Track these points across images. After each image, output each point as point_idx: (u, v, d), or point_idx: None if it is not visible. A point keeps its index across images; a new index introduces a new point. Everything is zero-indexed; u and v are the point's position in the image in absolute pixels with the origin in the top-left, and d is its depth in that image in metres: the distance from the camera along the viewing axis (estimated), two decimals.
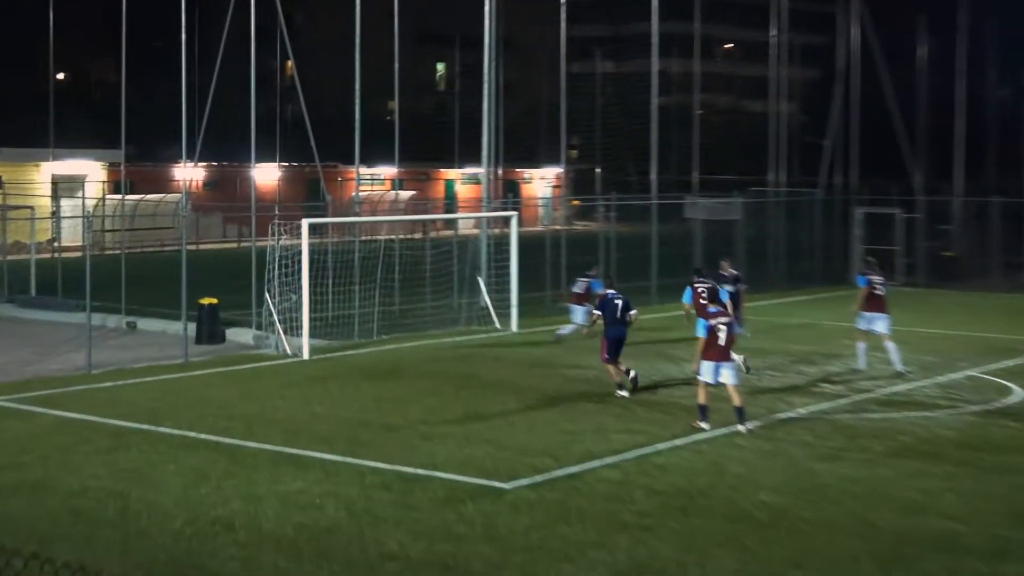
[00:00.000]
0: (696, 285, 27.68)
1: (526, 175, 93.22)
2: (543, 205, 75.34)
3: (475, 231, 40.33)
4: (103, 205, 62.18)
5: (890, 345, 27.24)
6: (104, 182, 68.05)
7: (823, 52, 64.41)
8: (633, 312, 24.90)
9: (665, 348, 30.32)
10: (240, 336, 32.14)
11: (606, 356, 24.44)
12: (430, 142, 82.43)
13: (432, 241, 39.00)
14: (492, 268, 36.37)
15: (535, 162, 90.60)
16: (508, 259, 34.38)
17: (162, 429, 20.82)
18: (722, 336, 21.09)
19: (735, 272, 31.57)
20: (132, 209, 61.79)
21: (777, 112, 54.82)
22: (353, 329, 32.16)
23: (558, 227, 47.59)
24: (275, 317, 29.81)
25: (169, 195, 67.64)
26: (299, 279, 29.47)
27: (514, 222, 34.66)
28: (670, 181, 72.08)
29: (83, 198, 51.28)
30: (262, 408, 22.64)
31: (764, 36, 55.75)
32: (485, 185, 40.68)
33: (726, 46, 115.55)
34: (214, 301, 31.91)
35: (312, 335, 29.67)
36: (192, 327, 31.00)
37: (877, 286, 27.52)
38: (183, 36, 32.15)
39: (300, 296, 29.35)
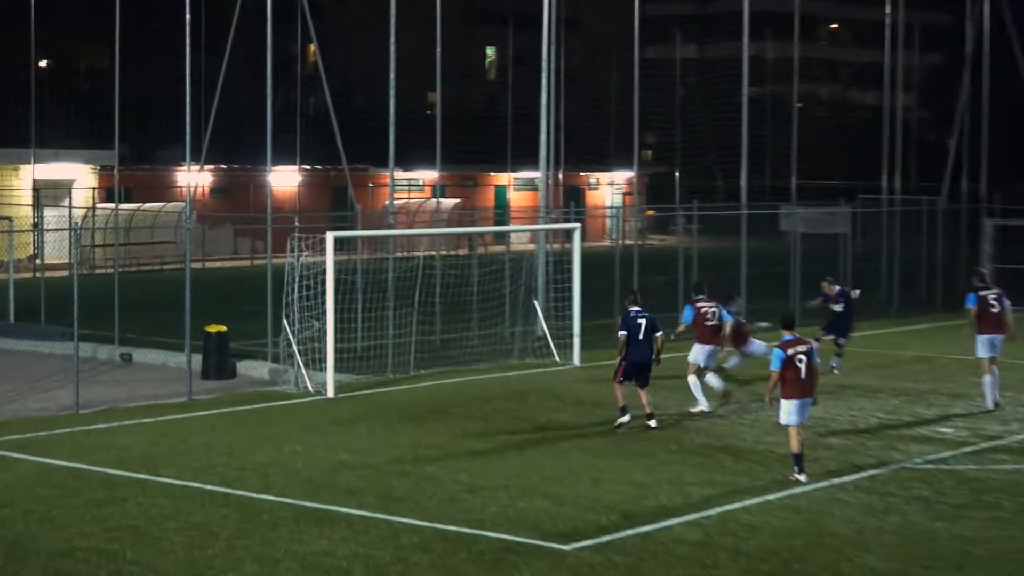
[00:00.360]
0: (699, 304, 27.86)
1: (592, 180, 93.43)
2: (612, 216, 75.48)
3: (531, 246, 40.52)
4: (93, 216, 62.84)
5: (995, 371, 27.95)
6: (94, 189, 68.72)
7: (948, 33, 64.31)
8: (659, 334, 25.70)
9: (760, 386, 30.36)
10: (253, 370, 32.44)
11: (620, 378, 25.51)
12: (478, 141, 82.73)
13: (480, 258, 39.19)
14: (551, 290, 36.51)
15: (602, 165, 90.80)
16: (570, 280, 34.54)
17: (162, 479, 21.10)
18: (802, 368, 21.26)
19: (839, 287, 32.10)
20: (127, 220, 62.42)
21: (892, 105, 54.72)
22: (386, 362, 32.38)
23: (629, 242, 47.67)
24: (294, 348, 30.07)
25: (170, 204, 68.22)
26: (323, 303, 29.71)
27: (577, 236, 34.82)
28: (763, 187, 72.01)
29: (70, 207, 51.76)
30: (279, 455, 22.90)
31: (877, 14, 55.66)
32: (543, 192, 40.88)
33: (831, 26, 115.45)
34: (223, 329, 32.21)
35: (338, 369, 29.91)
36: (197, 359, 31.30)
37: (992, 302, 27.85)
38: (187, 16, 32.42)
39: (324, 323, 29.60)
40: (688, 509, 19.30)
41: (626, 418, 25.38)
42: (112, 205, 62.50)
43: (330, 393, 29.11)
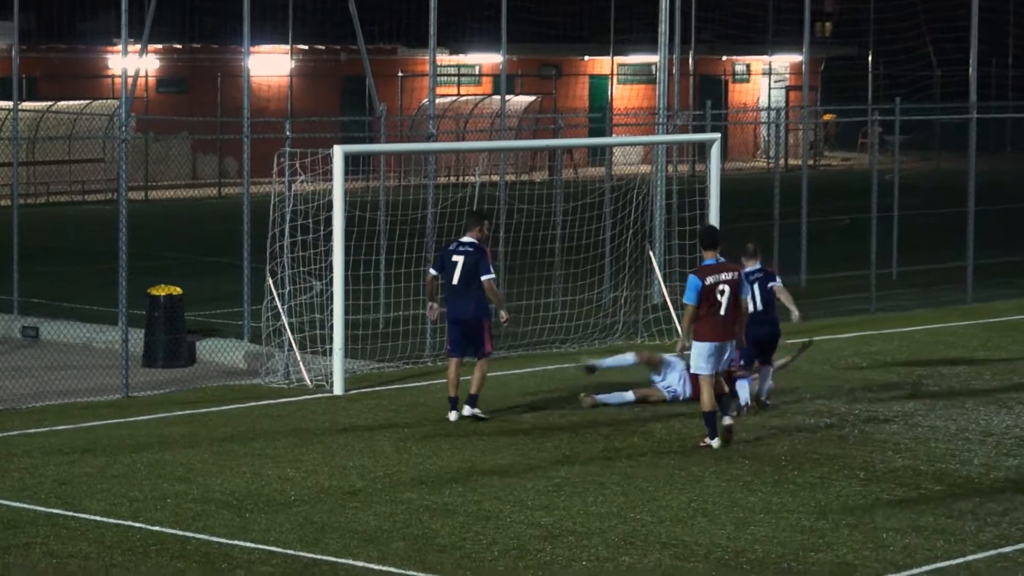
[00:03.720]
0: None
1: (738, 68, 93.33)
2: (769, 122, 75.42)
3: (645, 168, 40.59)
4: None
5: None
6: None
7: None
8: (488, 277, 26.76)
9: (995, 388, 30.36)
10: (222, 354, 32.67)
11: (449, 347, 27.28)
12: (564, 9, 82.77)
13: (568, 186, 39.25)
14: (675, 236, 36.56)
15: (755, 44, 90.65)
16: (704, 219, 34.56)
17: (85, 515, 21.30)
18: (723, 302, 23.49)
19: None
20: (31, 127, 62.79)
21: None
22: (423, 343, 32.55)
23: (796, 162, 47.68)
24: (284, 321, 30.27)
25: (97, 103, 68.56)
26: (328, 253, 29.86)
27: (715, 152, 34.78)
28: (1003, 79, 71.74)
29: None
30: (261, 482, 23.10)
31: None
32: (662, 86, 40.91)
33: None
34: (176, 292, 32.40)
35: (350, 354, 30.11)
36: (139, 337, 31.53)
37: None
38: None
39: (329, 284, 29.75)
40: (882, 566, 19.41)
41: (452, 415, 26.95)
42: (9, 104, 62.83)
43: (337, 389, 29.29)
